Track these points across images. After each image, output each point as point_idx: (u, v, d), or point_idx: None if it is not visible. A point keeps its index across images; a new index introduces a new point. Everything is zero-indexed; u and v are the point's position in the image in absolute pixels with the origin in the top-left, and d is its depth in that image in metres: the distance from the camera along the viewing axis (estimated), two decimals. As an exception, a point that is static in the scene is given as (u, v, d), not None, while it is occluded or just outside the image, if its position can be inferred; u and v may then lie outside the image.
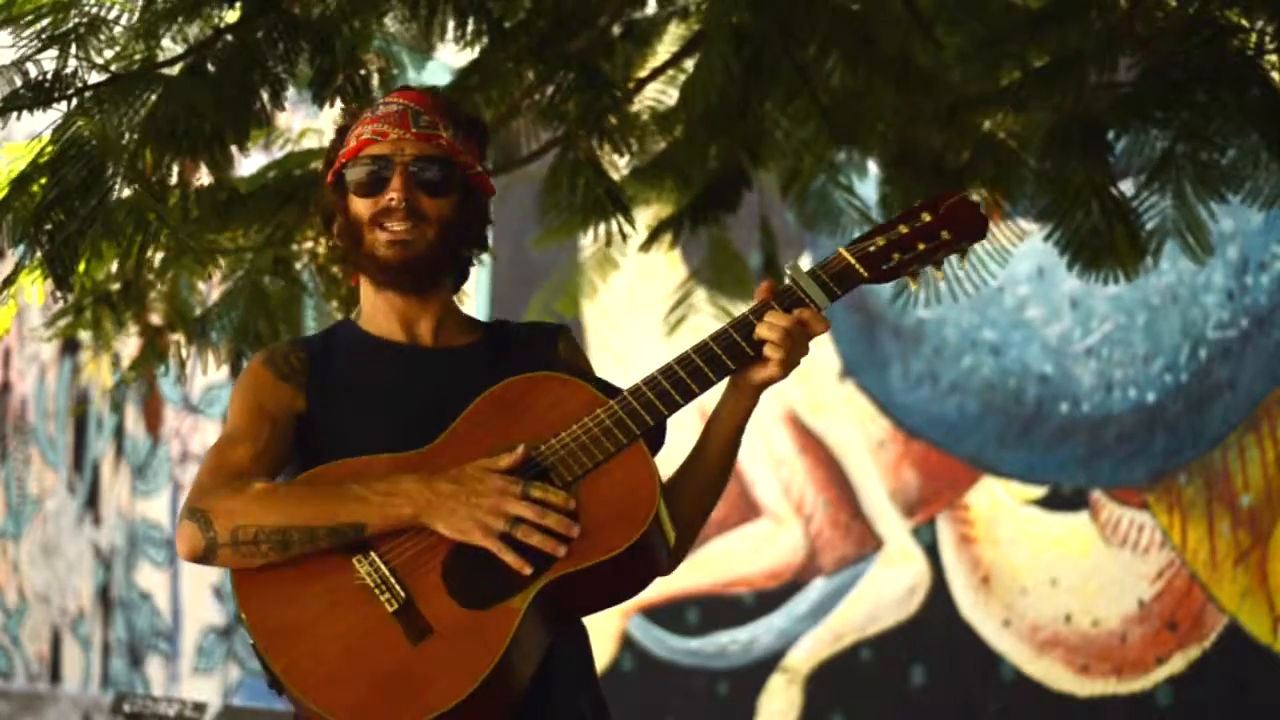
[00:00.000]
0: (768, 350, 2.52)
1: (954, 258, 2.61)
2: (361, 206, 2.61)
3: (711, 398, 2.59)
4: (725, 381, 2.58)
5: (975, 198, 2.62)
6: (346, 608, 2.46)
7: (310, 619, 2.47)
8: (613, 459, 2.49)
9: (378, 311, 2.67)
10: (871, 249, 2.56)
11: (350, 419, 2.59)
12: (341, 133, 2.68)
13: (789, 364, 2.53)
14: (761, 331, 2.52)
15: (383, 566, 2.46)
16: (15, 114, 3.23)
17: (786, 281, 2.55)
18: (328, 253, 3.95)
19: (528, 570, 2.43)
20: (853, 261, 2.55)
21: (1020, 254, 4.60)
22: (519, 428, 2.52)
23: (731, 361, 2.53)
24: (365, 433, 2.56)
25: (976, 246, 4.09)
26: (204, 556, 2.49)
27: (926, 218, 2.58)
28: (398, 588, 2.45)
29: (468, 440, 2.52)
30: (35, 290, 3.47)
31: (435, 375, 2.62)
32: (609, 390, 2.56)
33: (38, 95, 3.24)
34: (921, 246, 2.57)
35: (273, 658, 2.46)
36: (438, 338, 2.67)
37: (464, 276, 2.73)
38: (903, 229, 2.57)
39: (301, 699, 2.44)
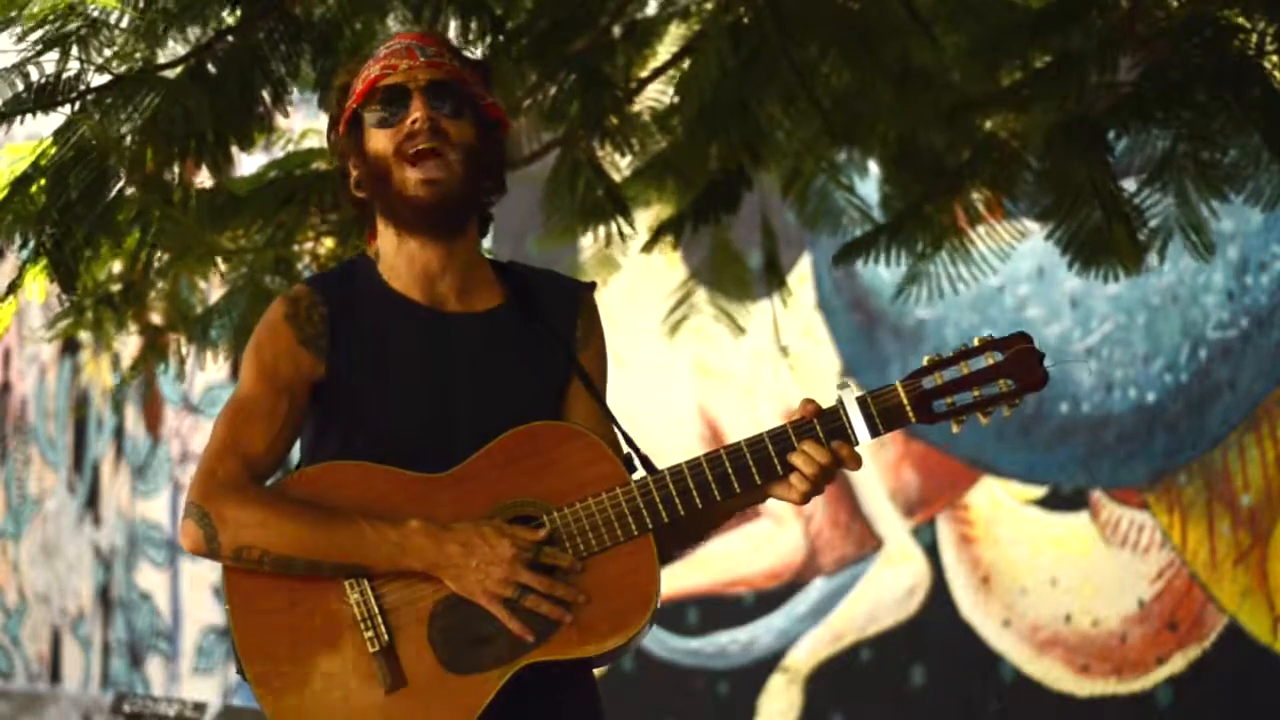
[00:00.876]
0: (795, 479, 2.53)
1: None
2: (383, 140, 2.56)
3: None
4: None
5: (1040, 349, 2.59)
6: (330, 631, 2.48)
7: (292, 627, 2.49)
8: (620, 546, 2.50)
9: (399, 263, 2.61)
10: (928, 386, 2.55)
11: (365, 395, 2.57)
12: (345, 87, 2.64)
13: (812, 494, 2.55)
14: (796, 460, 2.53)
15: (373, 601, 2.48)
16: (19, 118, 3.23)
17: (835, 399, 2.55)
18: (329, 251, 3.95)
19: (530, 638, 2.45)
20: (904, 401, 2.55)
21: (1020, 253, 4.60)
22: (537, 481, 2.52)
23: (759, 476, 2.54)
24: (378, 406, 2.56)
25: (978, 244, 4.11)
26: (206, 556, 2.52)
27: (990, 360, 2.57)
28: (383, 629, 2.47)
29: (483, 482, 2.52)
30: (36, 288, 3.47)
31: (453, 346, 2.60)
32: (630, 452, 2.57)
33: (40, 98, 3.24)
34: (976, 394, 2.56)
35: (247, 660, 2.50)
36: (460, 298, 2.62)
37: (486, 224, 2.68)
38: (964, 368, 2.56)
39: (263, 707, 2.48)
